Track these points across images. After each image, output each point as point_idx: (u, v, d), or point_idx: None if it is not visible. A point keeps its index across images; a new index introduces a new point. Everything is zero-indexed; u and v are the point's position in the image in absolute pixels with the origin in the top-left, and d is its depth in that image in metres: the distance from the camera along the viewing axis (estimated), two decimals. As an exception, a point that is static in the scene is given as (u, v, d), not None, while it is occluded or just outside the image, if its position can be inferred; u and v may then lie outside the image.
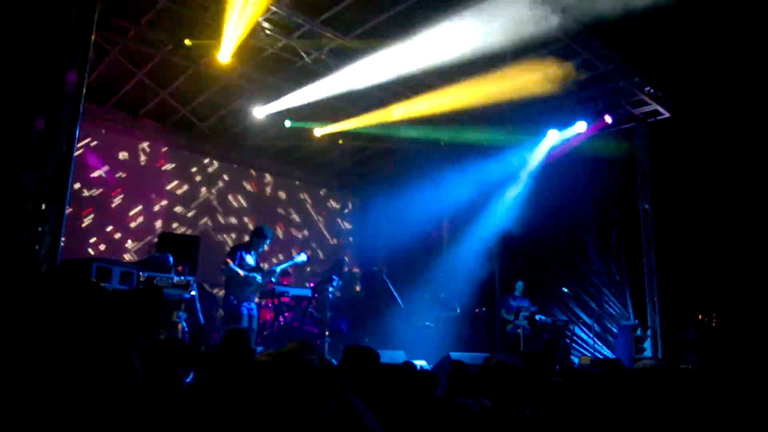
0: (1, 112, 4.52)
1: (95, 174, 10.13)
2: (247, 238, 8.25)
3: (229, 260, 7.59)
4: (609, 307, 10.21)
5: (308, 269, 12.12)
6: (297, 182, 13.29)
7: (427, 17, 7.87)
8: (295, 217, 13.10)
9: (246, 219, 11.95)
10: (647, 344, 9.27)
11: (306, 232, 13.20)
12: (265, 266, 8.20)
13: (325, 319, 9.19)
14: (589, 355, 9.63)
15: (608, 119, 9.55)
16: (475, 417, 2.30)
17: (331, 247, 13.49)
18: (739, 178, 8.87)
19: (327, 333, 9.11)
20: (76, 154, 4.78)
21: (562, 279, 10.59)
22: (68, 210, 4.83)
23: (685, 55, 8.56)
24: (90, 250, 9.77)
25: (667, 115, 9.76)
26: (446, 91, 9.86)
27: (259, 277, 7.62)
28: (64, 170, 4.42)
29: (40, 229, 4.38)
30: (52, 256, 4.39)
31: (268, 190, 12.70)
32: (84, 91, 4.88)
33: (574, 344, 10.07)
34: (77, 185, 9.72)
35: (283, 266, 8.55)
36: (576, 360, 9.16)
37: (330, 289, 9.18)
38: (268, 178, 12.71)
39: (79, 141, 4.75)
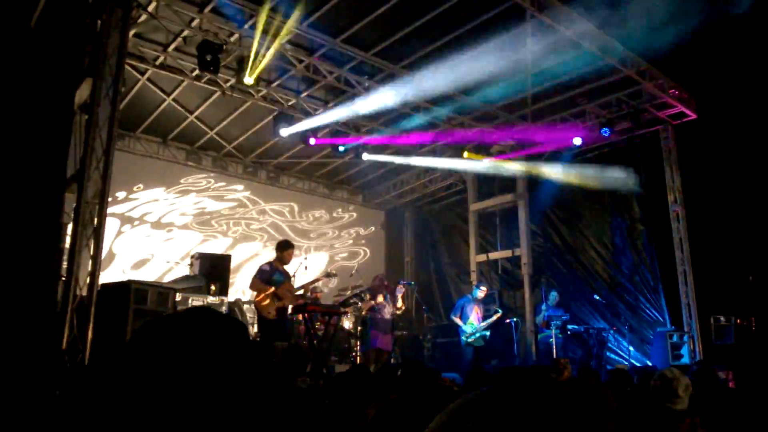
0: (40, 139, 4.71)
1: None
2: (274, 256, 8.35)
3: (258, 278, 7.67)
4: (644, 313, 10.02)
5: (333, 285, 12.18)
6: (324, 198, 13.43)
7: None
8: (322, 233, 13.21)
9: (275, 236, 12.10)
10: (684, 350, 9.06)
11: (334, 248, 13.29)
12: (294, 280, 8.28)
13: (356, 333, 9.24)
14: (625, 363, 9.45)
15: (633, 123, 9.45)
16: None
17: (359, 262, 13.54)
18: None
19: (358, 346, 9.15)
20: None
21: (594, 287, 10.45)
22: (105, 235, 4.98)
23: (712, 54, 8.45)
24: (125, 272, 10.01)
25: (694, 116, 9.62)
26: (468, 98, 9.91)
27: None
28: (102, 195, 4.58)
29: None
30: (92, 278, 4.54)
31: (296, 207, 12.85)
32: (117, 117, 5.07)
33: (609, 352, 9.89)
34: (113, 208, 10.00)
35: (312, 283, 8.63)
36: (611, 368, 8.99)
37: (359, 303, 9.25)
38: (295, 195, 12.87)
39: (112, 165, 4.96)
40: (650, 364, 9.07)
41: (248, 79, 8.27)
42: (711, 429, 2.81)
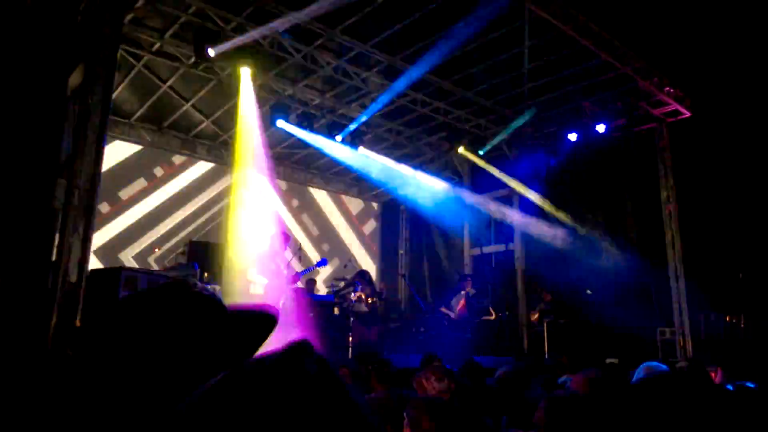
0: (33, 124, 4.69)
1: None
2: (268, 246, 8.36)
3: (252, 268, 7.69)
4: (634, 309, 10.05)
5: (326, 275, 12.21)
6: (318, 190, 13.41)
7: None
8: (316, 225, 13.21)
9: (268, 226, 12.08)
10: (674, 347, 9.11)
11: (327, 239, 13.29)
12: (286, 271, 8.29)
13: (347, 324, 9.25)
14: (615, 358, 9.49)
15: (627, 121, 9.45)
16: None
17: (354, 254, 13.55)
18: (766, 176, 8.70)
19: (350, 338, 9.17)
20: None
21: (587, 281, 10.47)
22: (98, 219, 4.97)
23: (707, 52, 8.45)
24: (119, 259, 10.00)
25: (688, 114, 9.63)
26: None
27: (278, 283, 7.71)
28: (93, 181, 4.57)
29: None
30: (82, 264, 4.53)
31: (290, 197, 12.84)
32: (111, 103, 5.05)
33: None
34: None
35: (305, 272, 8.64)
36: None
37: (352, 295, 9.26)
38: (289, 186, 12.86)
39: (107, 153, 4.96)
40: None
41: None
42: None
